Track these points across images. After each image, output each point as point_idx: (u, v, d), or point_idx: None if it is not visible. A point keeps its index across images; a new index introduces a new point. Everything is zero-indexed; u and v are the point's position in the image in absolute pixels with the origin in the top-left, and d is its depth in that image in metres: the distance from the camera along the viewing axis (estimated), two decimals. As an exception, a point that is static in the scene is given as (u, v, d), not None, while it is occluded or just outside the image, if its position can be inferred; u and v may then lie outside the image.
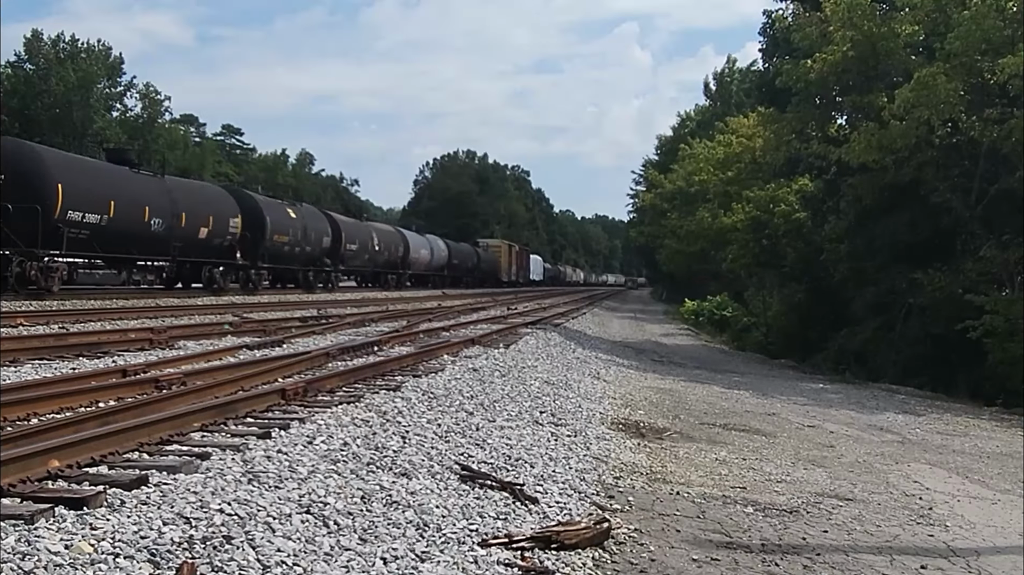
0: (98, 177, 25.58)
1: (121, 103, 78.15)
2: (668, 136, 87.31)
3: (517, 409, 10.06)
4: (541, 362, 15.25)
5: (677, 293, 74.14)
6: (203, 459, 5.77)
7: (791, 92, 25.75)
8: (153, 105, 79.90)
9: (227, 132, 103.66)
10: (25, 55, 72.97)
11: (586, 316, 36.25)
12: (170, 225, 27.48)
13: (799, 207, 33.14)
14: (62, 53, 73.18)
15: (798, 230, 32.56)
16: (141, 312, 20.05)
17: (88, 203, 23.95)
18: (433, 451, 7.11)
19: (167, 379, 9.07)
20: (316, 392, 8.96)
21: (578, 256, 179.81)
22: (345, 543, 4.65)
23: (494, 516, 5.80)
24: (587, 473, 7.69)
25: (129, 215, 25.59)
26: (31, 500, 4.63)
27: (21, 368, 10.42)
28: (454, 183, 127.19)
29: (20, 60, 73.01)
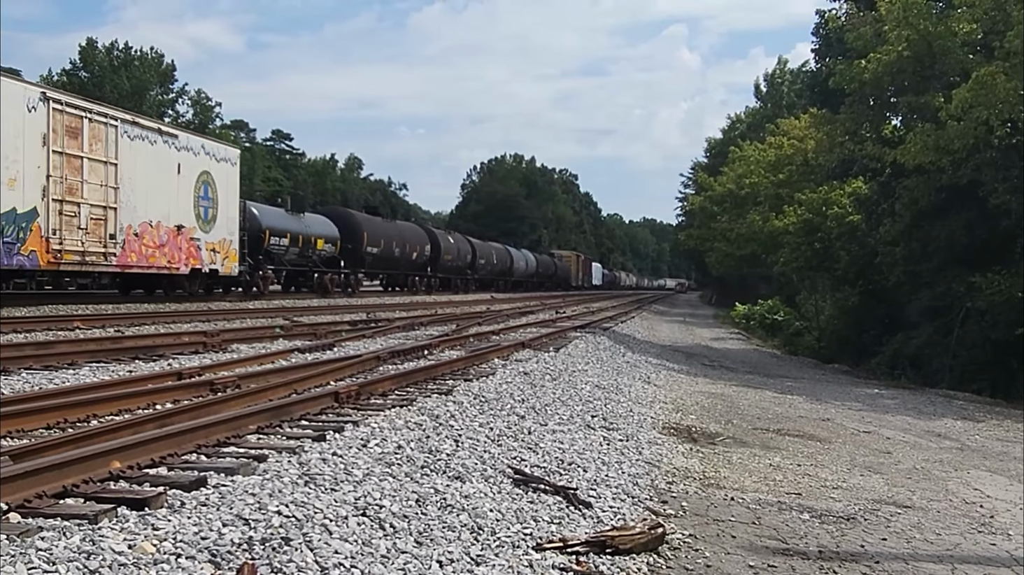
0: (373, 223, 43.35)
1: (173, 109, 79.37)
2: (717, 138, 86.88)
3: (568, 413, 10.04)
4: (591, 366, 15.20)
5: (727, 297, 73.71)
6: (260, 461, 5.82)
7: (844, 93, 25.48)
8: (204, 111, 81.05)
9: (277, 137, 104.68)
10: (80, 63, 74.31)
11: (635, 320, 36.12)
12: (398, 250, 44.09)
13: (853, 210, 32.74)
14: (116, 61, 74.47)
15: (852, 233, 32.16)
16: (193, 315, 20.29)
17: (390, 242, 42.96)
18: (486, 455, 7.11)
19: (222, 382, 9.16)
20: (369, 395, 9.01)
21: (626, 260, 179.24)
22: (401, 546, 4.66)
23: (548, 520, 5.79)
24: (640, 478, 7.65)
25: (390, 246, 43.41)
26: (94, 500, 4.69)
27: (79, 371, 10.58)
28: (501, 187, 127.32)
29: (75, 68, 74.40)
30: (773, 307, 45.71)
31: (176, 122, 77.01)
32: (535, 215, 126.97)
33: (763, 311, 46.42)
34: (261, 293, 30.75)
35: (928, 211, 24.66)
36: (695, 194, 79.76)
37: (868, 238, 30.10)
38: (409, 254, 45.84)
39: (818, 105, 31.60)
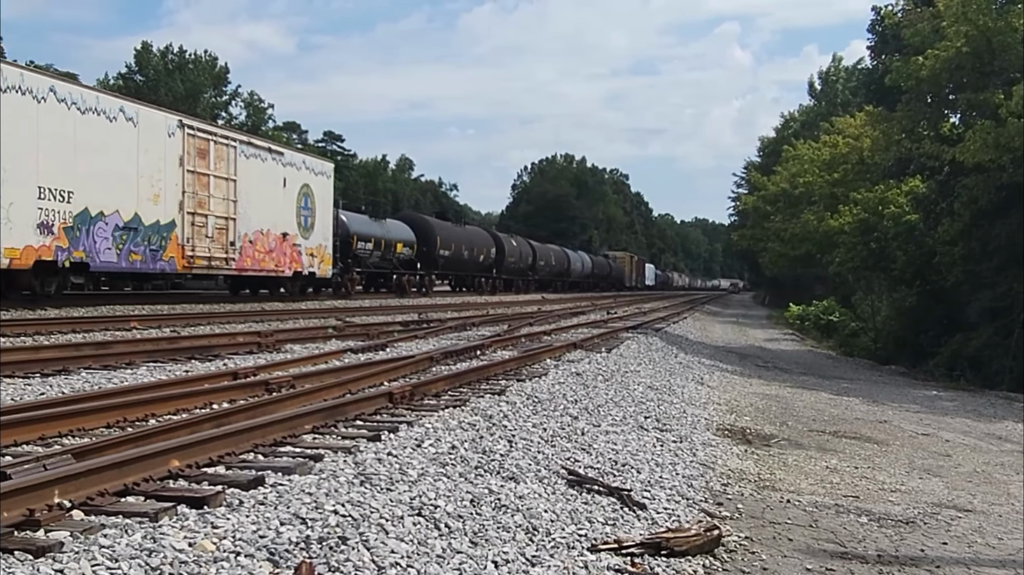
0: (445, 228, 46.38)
1: (227, 111, 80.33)
2: (771, 137, 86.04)
3: (621, 414, 10.00)
4: (644, 367, 15.13)
5: (780, 297, 73.01)
6: (316, 460, 5.86)
7: (901, 90, 25.16)
8: (257, 113, 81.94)
9: (328, 139, 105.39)
10: (136, 67, 75.48)
11: (687, 320, 35.91)
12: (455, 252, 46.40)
13: (910, 209, 32.25)
14: (170, 64, 75.54)
15: (909, 232, 31.67)
16: (248, 316, 20.51)
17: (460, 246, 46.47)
18: (539, 455, 7.10)
19: (277, 382, 9.24)
20: (422, 395, 9.04)
21: (677, 260, 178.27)
22: (456, 546, 4.67)
23: (602, 521, 5.77)
24: (694, 479, 7.60)
25: (459, 249, 46.62)
26: (154, 498, 4.76)
27: (137, 370, 10.74)
28: (552, 187, 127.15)
29: (131, 72, 75.58)
30: (828, 308, 45.17)
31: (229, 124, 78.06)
32: (586, 215, 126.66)
33: (818, 312, 45.89)
34: (349, 293, 34.28)
35: (988, 210, 24.22)
36: (748, 194, 79.08)
37: (926, 238, 29.66)
38: (476, 256, 49.37)
39: (874, 103, 31.24)
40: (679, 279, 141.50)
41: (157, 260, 22.97)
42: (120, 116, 21.80)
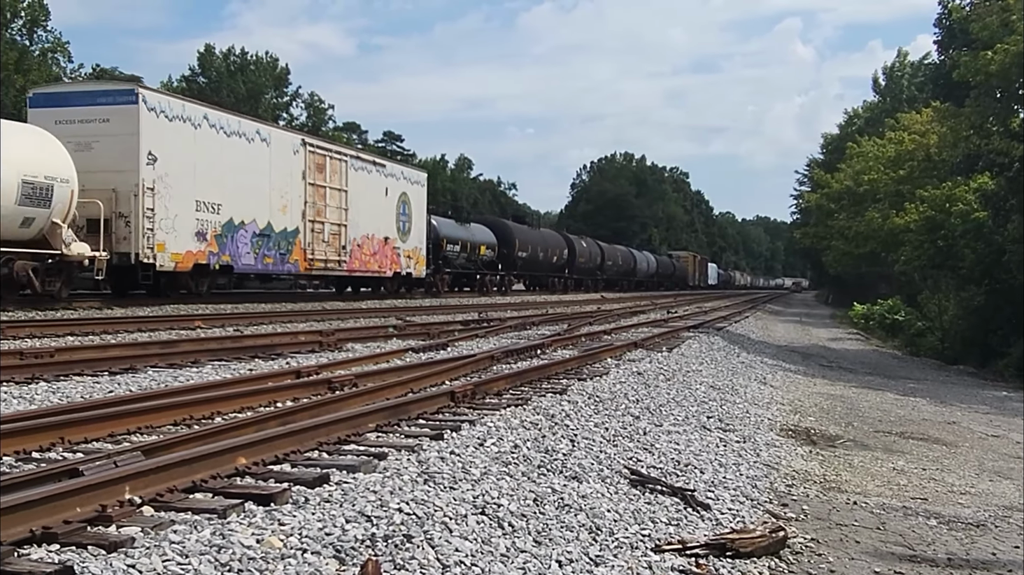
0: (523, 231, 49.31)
1: (288, 112, 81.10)
2: (834, 134, 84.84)
3: (684, 414, 9.94)
4: (705, 366, 15.02)
5: (844, 296, 72.05)
6: (380, 459, 5.90)
7: (969, 85, 24.68)
8: (318, 114, 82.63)
9: (388, 139, 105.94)
10: (199, 69, 76.58)
11: (749, 320, 35.57)
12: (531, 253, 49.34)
13: (978, 206, 31.61)
14: (232, 66, 76.48)
15: (977, 230, 31.02)
16: (309, 315, 20.72)
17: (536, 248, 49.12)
18: (602, 455, 7.08)
19: (339, 380, 9.31)
20: (484, 394, 9.05)
21: (738, 259, 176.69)
22: (520, 545, 4.67)
23: (666, 522, 5.74)
24: (758, 480, 7.53)
25: (535, 251, 49.23)
26: (222, 495, 4.82)
27: (202, 369, 10.89)
28: (611, 186, 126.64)
29: (194, 74, 76.67)
30: (893, 307, 44.46)
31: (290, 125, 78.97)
32: (646, 214, 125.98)
33: (883, 311, 45.18)
34: (439, 293, 37.60)
35: (1059, 207, 23.70)
36: (811, 191, 78.03)
37: (995, 235, 29.05)
38: (550, 258, 52.51)
39: (941, 98, 30.70)
40: (741, 278, 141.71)
41: (285, 263, 26.56)
42: (256, 137, 25.13)
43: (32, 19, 62.83)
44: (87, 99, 21.63)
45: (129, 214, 20.89)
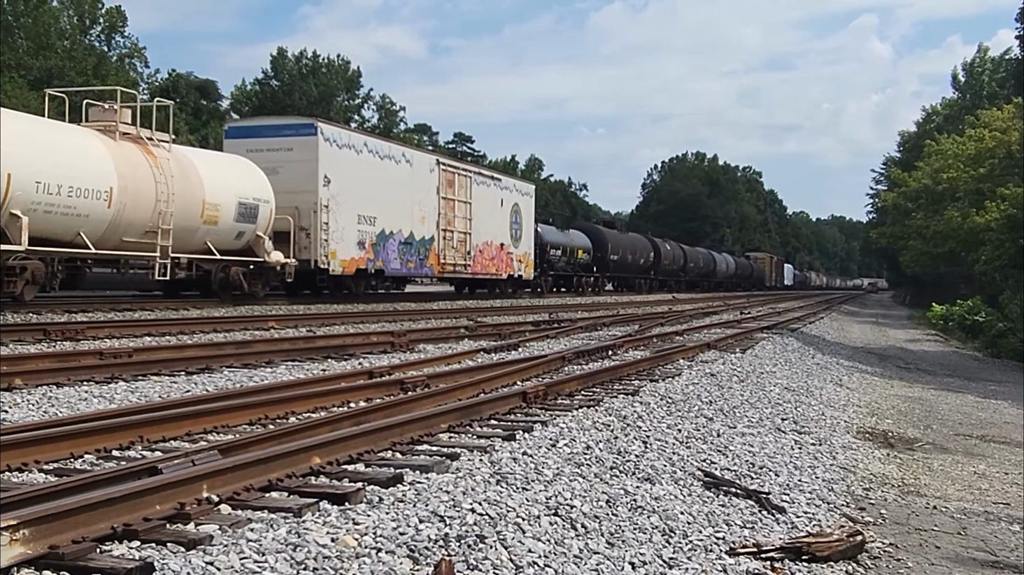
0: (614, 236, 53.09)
1: (359, 114, 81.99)
2: (911, 132, 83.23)
3: (758, 415, 9.82)
4: (779, 367, 14.83)
5: (922, 297, 70.66)
6: (452, 459, 5.92)
7: (1051, 81, 24.01)
8: (389, 116, 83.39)
9: (459, 140, 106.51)
10: (271, 72, 77.73)
11: (823, 320, 35.06)
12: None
13: (1062, 204, 30.78)
14: (304, 69, 77.50)
15: (1061, 229, 30.23)
16: (380, 316, 20.89)
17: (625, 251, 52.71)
18: (675, 456, 7.03)
19: (411, 381, 9.36)
20: (556, 395, 9.04)
21: (813, 259, 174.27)
22: (593, 546, 4.65)
23: (740, 524, 5.67)
24: (835, 483, 7.41)
25: (625, 254, 52.58)
26: (297, 494, 4.88)
27: (276, 369, 11.04)
28: (683, 186, 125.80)
29: (267, 77, 77.88)
30: (974, 307, 43.40)
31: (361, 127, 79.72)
32: (718, 214, 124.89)
33: (962, 311, 44.12)
34: (543, 293, 41.72)
35: None
36: (887, 190, 76.66)
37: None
38: (637, 260, 55.90)
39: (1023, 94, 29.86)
40: (816, 279, 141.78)
41: (423, 267, 30.82)
42: (402, 159, 29.44)
43: (110, 25, 64.31)
44: (274, 131, 25.87)
45: (309, 227, 24.78)
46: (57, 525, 3.80)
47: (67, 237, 17.89)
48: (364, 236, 26.97)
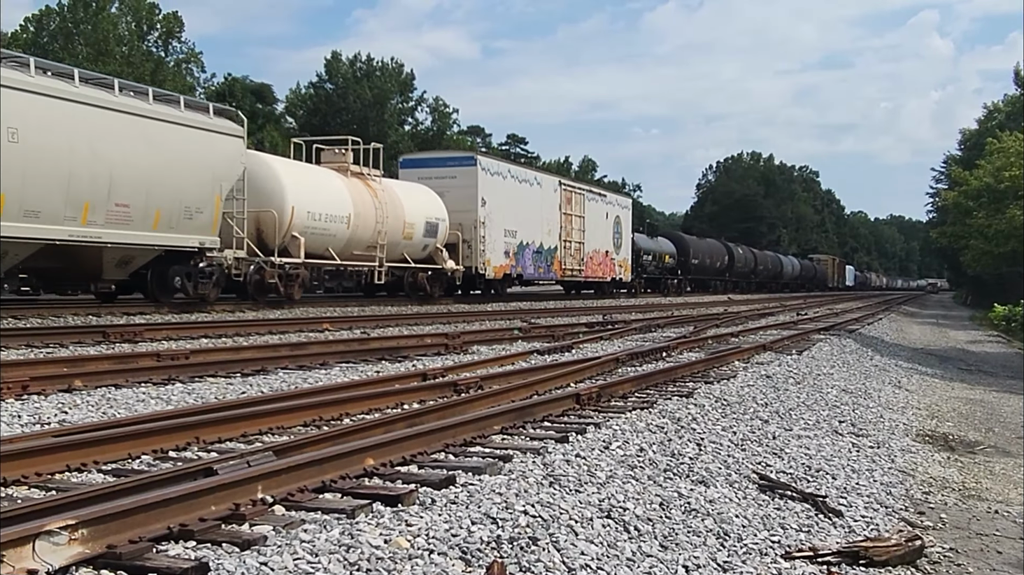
0: (694, 241, 59.66)
1: (413, 117, 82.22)
2: (972, 129, 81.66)
3: (814, 418, 9.70)
4: (837, 369, 14.64)
5: (984, 297, 69.33)
6: (505, 461, 5.91)
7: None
8: (442, 118, 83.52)
9: (512, 142, 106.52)
10: (326, 75, 78.32)
11: (882, 321, 34.55)
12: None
13: None
14: (359, 72, 77.92)
15: None
16: (435, 318, 20.96)
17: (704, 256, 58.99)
18: (729, 459, 6.97)
19: (465, 383, 9.36)
20: (609, 397, 9.00)
21: (871, 259, 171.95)
22: (646, 549, 4.62)
23: (796, 528, 5.61)
24: (893, 487, 7.30)
25: (703, 258, 58.83)
26: (351, 495, 4.89)
27: (331, 371, 11.12)
28: (738, 186, 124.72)
29: (321, 80, 78.45)
30: (1037, 308, 42.59)
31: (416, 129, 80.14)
32: (774, 214, 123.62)
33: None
34: (637, 293, 46.83)
35: None
36: (948, 189, 75.42)
37: None
38: (714, 263, 61.53)
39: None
40: (876, 279, 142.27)
41: (549, 271, 37.04)
42: (534, 182, 35.78)
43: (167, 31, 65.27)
44: (441, 163, 32.62)
45: (470, 240, 30.86)
46: (115, 525, 3.85)
47: (320, 251, 23.98)
48: (508, 247, 33.23)
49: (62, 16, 60.08)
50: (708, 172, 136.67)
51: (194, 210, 19.61)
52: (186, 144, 19.41)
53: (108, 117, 17.65)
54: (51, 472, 5.32)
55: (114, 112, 17.83)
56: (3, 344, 12.15)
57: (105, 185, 17.48)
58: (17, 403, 7.88)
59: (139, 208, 18.25)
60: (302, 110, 76.56)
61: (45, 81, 16.73)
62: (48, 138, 16.40)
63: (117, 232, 17.87)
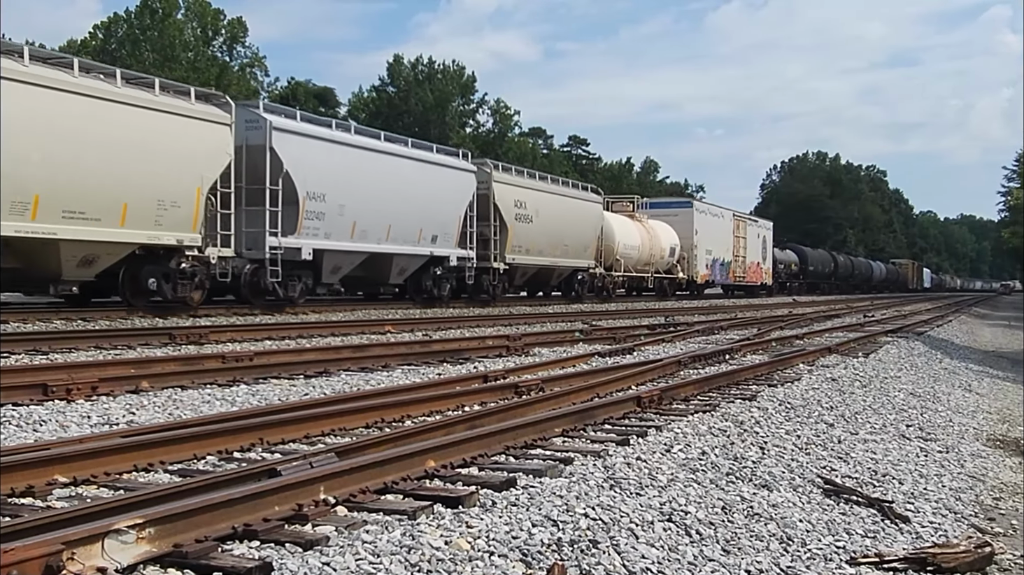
0: (809, 251, 75.28)
1: (474, 119, 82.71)
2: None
3: (881, 422, 9.55)
4: (904, 372, 14.40)
5: (1057, 298, 67.81)
6: (566, 464, 5.90)
7: None
8: (504, 120, 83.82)
9: (573, 143, 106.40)
10: (388, 79, 78.97)
11: (952, 324, 33.90)
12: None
13: None
14: (420, 75, 78.52)
15: None
16: (495, 320, 21.01)
17: (817, 263, 74.35)
18: (793, 463, 6.88)
19: (525, 385, 9.36)
20: (671, 400, 8.94)
21: (940, 260, 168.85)
22: (708, 554, 4.58)
23: (861, 533, 5.52)
24: (962, 492, 7.15)
25: (817, 265, 73.37)
26: (412, 497, 4.92)
27: (392, 372, 11.19)
28: (803, 186, 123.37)
29: (383, 84, 79.17)
30: (1112, 309, 41.53)
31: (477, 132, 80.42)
32: (840, 215, 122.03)
33: (1100, 313, 42.30)
34: (772, 295, 56.98)
35: None
36: (1020, 188, 73.82)
37: None
38: (823, 269, 73.40)
39: None
40: (950, 281, 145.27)
41: (726, 278, 51.13)
42: (721, 216, 51.26)
43: (232, 36, 66.25)
44: (668, 205, 47.96)
45: (687, 258, 44.76)
46: (181, 524, 3.91)
47: (627, 267, 39.04)
48: (707, 261, 47.55)
49: (129, 23, 61.32)
50: (772, 172, 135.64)
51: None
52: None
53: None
54: (119, 472, 5.42)
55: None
56: (73, 346, 12.43)
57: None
58: (87, 404, 8.05)
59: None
60: (364, 113, 77.30)
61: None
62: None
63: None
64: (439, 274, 27.12)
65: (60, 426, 7.03)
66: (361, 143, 24.36)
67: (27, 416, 7.28)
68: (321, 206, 22.17)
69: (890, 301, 54.20)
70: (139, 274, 18.24)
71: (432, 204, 26.16)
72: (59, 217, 16.19)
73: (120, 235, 17.40)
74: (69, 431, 6.84)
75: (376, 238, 24.11)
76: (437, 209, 26.47)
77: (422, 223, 25.78)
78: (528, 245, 30.93)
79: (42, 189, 15.85)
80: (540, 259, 31.82)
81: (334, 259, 23.08)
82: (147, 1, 60.90)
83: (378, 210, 23.89)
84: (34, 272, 17.06)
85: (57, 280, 17.24)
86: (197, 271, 19.19)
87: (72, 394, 8.21)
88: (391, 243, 24.69)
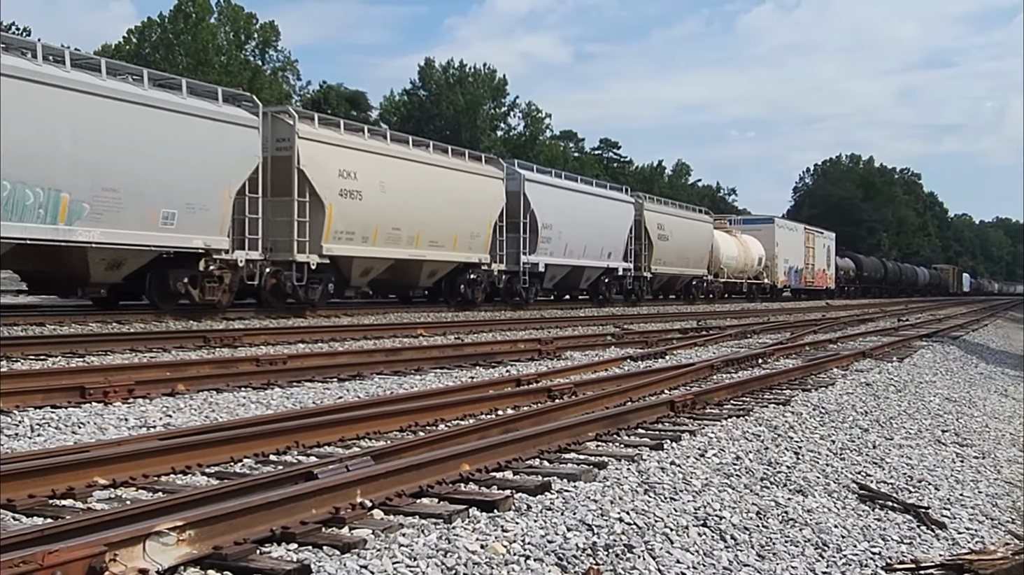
0: (864, 259, 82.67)
1: (505, 122, 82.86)
2: (1082, 128, 79.19)
3: (916, 427, 9.48)
4: (940, 377, 14.28)
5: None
6: (600, 468, 5.91)
7: None
8: (535, 123, 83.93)
9: (604, 146, 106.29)
10: (419, 82, 79.25)
11: (987, 328, 33.56)
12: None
13: None
14: (452, 79, 78.76)
15: None
16: (527, 323, 21.02)
17: (870, 269, 79.87)
18: (828, 468, 6.86)
19: (558, 389, 9.37)
20: (704, 404, 8.92)
21: (976, 263, 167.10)
22: (743, 559, 4.58)
23: (897, 539, 5.49)
24: (999, 498, 7.10)
25: (870, 271, 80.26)
26: (447, 500, 4.95)
27: (425, 376, 11.23)
28: (836, 189, 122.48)
29: (415, 87, 79.47)
30: None
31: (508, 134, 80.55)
32: (874, 218, 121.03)
33: None
34: (835, 298, 62.45)
35: None
36: (1055, 190, 73.04)
37: None
38: (874, 275, 79.19)
39: None
40: (989, 285, 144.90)
41: (799, 283, 57.67)
42: (796, 230, 58.50)
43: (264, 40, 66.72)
44: (753, 222, 55.16)
45: (770, 266, 51.93)
46: (220, 526, 3.96)
47: (728, 274, 47.49)
48: (785, 268, 54.34)
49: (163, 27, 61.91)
50: (805, 175, 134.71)
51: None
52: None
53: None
54: (158, 474, 5.48)
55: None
56: (109, 348, 12.56)
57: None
58: (124, 406, 8.14)
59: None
60: (396, 116, 77.63)
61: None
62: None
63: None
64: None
65: (98, 428, 7.12)
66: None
67: (66, 418, 7.38)
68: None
69: (924, 305, 55.70)
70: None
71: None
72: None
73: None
74: (107, 433, 6.93)
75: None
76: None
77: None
78: (666, 258, 40.21)
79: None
80: (672, 269, 41.35)
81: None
82: (181, 5, 61.52)
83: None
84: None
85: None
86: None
87: (109, 396, 8.31)
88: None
